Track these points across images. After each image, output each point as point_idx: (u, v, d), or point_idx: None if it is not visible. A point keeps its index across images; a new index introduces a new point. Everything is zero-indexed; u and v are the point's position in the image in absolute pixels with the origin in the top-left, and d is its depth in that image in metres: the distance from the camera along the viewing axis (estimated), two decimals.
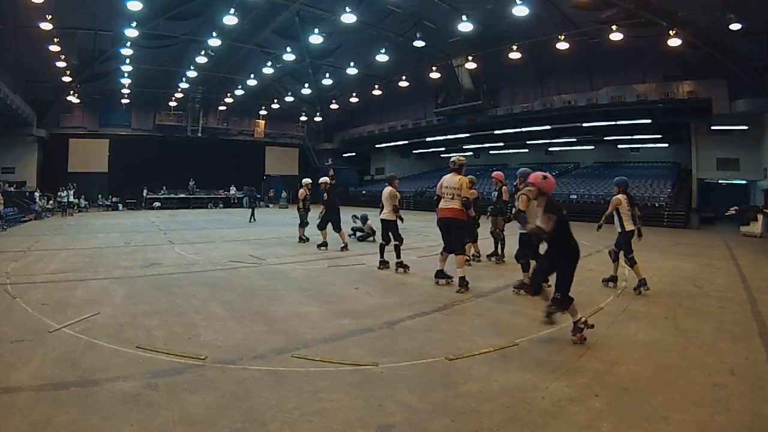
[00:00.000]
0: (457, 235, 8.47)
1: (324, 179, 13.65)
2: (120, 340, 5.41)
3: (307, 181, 15.32)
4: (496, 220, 11.00)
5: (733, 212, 20.92)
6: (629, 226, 8.54)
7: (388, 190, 10.28)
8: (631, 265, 8.49)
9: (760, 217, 19.39)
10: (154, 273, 9.74)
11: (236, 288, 8.38)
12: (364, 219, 15.42)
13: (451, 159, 8.69)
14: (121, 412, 3.75)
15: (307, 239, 14.70)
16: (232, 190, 39.65)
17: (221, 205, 37.84)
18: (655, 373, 4.77)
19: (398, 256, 10.18)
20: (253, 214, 24.28)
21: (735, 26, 18.66)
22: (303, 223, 14.83)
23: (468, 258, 10.34)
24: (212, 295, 7.77)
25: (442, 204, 8.53)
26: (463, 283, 8.29)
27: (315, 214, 14.35)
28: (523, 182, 8.14)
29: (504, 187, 10.66)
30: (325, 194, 13.37)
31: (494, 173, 11.13)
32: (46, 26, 21.33)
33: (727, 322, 6.58)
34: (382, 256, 10.51)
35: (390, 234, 10.26)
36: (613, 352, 5.31)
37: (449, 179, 8.46)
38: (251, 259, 11.62)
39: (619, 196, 8.59)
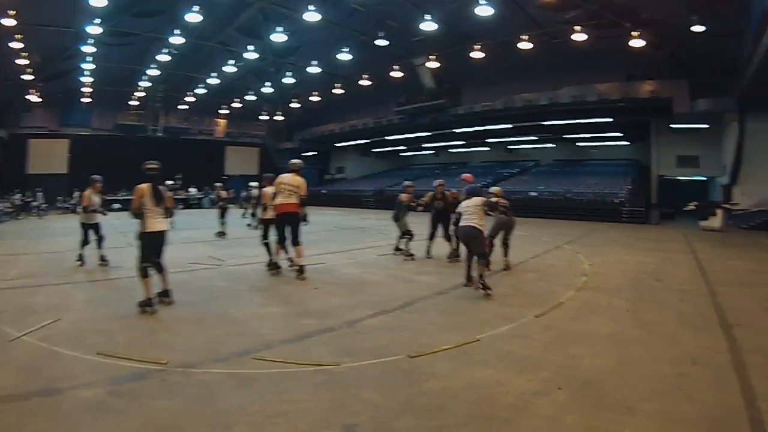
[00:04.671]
0: (297, 227, 9.14)
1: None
2: (82, 346, 5.26)
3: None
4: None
5: (693, 207, 21.38)
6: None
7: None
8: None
9: (719, 212, 19.86)
10: (114, 276, 9.51)
11: (196, 290, 8.23)
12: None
13: (291, 161, 9.49)
14: (86, 421, 3.66)
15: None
16: (192, 191, 39.06)
17: (181, 206, 37.17)
18: (618, 365, 4.80)
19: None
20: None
21: (698, 28, 19.06)
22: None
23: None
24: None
25: (280, 200, 9.10)
26: (302, 271, 9.11)
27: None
28: None
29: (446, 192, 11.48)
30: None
31: (464, 175, 11.54)
32: (8, 22, 20.59)
33: (689, 314, 6.68)
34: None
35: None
36: (575, 346, 5.33)
37: (289, 178, 9.15)
38: (211, 260, 11.38)
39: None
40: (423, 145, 41.83)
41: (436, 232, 11.69)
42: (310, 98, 36.76)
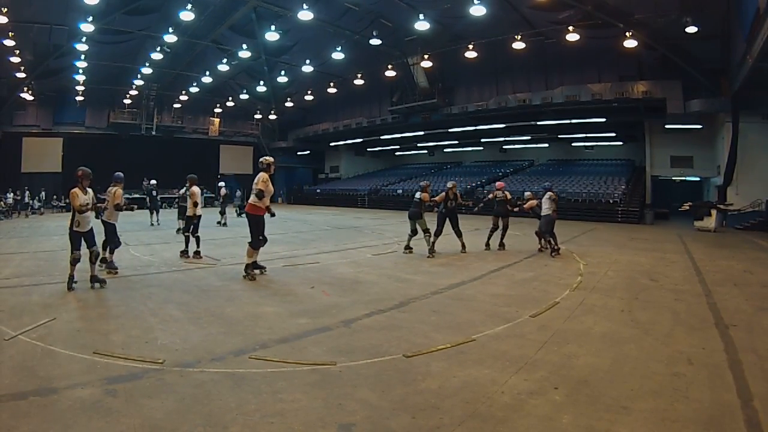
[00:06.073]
0: (250, 227, 9.21)
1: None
2: (77, 345, 5.24)
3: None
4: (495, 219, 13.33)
5: (687, 208, 21.46)
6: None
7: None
8: None
9: (713, 212, 19.94)
10: (109, 276, 9.40)
11: (192, 289, 8.18)
12: None
13: (260, 159, 9.46)
14: (82, 421, 3.62)
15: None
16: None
17: (176, 205, 37.07)
18: (614, 364, 4.79)
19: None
20: (154, 214, 23.17)
21: (691, 29, 19.14)
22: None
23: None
24: (168, 297, 7.57)
25: None
26: (247, 270, 9.13)
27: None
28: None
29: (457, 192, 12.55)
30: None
31: (498, 183, 13.97)
32: (0, 19, 20.47)
33: (684, 314, 6.69)
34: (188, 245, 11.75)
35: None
36: (570, 346, 5.32)
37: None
38: (206, 259, 11.34)
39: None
40: (417, 145, 41.94)
41: (443, 229, 12.24)
42: (304, 97, 36.70)
